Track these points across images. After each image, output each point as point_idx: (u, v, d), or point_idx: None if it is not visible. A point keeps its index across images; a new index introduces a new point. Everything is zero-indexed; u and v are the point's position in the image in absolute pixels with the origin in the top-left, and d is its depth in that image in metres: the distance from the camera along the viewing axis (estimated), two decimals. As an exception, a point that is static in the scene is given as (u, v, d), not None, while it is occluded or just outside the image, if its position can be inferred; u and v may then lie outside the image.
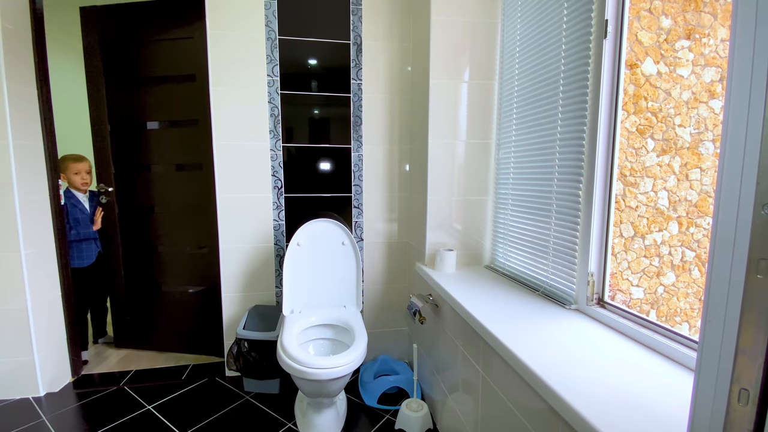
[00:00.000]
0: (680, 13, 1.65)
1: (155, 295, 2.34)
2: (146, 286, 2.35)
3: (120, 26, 2.18)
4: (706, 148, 1.71)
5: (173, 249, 2.30)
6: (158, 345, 2.39)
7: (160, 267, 2.32)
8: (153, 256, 2.32)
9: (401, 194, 2.13)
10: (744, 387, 0.46)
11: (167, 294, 2.32)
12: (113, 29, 2.18)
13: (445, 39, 1.69)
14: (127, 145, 2.25)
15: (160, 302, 2.34)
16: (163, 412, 1.78)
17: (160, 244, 2.30)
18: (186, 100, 2.12)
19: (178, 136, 2.19)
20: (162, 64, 2.15)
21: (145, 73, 2.18)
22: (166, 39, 2.12)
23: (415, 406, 1.65)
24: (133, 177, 2.28)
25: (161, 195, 2.27)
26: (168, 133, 2.21)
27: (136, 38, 2.16)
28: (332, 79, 2.00)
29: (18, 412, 1.76)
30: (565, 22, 1.27)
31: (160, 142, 2.22)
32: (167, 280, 2.31)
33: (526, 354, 0.93)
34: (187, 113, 2.13)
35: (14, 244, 1.75)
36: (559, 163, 1.31)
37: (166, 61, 2.14)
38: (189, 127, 2.15)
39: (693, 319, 1.80)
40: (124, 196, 2.30)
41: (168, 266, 2.31)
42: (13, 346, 1.81)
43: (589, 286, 1.18)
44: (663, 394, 0.77)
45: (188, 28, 2.07)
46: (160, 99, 2.19)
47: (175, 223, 2.28)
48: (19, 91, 1.76)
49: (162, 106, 2.20)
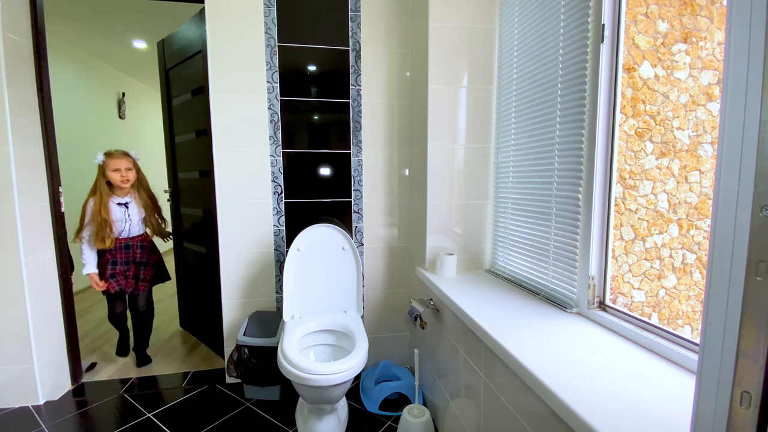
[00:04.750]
0: (676, 16, 1.66)
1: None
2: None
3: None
4: (705, 151, 1.71)
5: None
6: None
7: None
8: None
9: (401, 199, 2.13)
10: (746, 390, 0.46)
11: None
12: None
13: (444, 44, 1.70)
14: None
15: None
16: (163, 419, 1.77)
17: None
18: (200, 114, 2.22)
19: (199, 146, 2.29)
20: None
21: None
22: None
23: (416, 411, 1.64)
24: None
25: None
26: (192, 143, 2.37)
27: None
28: (331, 84, 2.01)
29: (18, 421, 1.75)
30: (562, 26, 1.27)
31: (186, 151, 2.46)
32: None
33: (528, 358, 0.92)
34: (202, 124, 2.20)
35: (14, 252, 1.75)
36: (558, 166, 1.31)
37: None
38: (203, 136, 2.21)
39: (695, 322, 1.79)
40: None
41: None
42: (12, 355, 1.81)
43: (590, 289, 1.18)
44: (665, 398, 0.76)
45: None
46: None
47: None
48: (20, 98, 1.77)
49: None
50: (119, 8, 2.91)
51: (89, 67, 4.01)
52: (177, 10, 2.87)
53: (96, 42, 3.62)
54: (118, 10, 2.94)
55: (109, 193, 2.15)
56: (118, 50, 3.84)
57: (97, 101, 4.16)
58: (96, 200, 2.10)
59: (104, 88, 4.33)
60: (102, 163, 2.12)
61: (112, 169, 2.11)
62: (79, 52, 3.81)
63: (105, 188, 2.13)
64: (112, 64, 4.30)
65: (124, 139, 4.70)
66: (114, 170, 2.12)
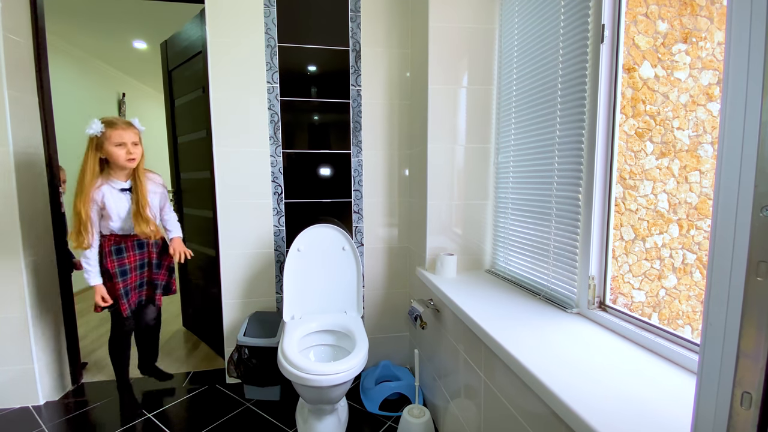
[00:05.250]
0: (676, 17, 1.66)
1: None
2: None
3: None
4: (705, 151, 1.71)
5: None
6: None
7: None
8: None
9: (401, 199, 2.13)
10: (746, 390, 0.46)
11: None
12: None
13: (444, 45, 1.70)
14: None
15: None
16: (163, 420, 1.77)
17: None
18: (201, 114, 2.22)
19: (201, 147, 2.29)
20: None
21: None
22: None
23: (417, 412, 1.63)
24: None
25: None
26: (194, 143, 2.37)
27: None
28: (331, 85, 2.01)
29: (18, 422, 1.75)
30: (562, 27, 1.27)
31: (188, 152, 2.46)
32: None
33: (528, 358, 0.92)
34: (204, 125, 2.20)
35: (15, 252, 1.75)
36: (558, 166, 1.31)
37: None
38: (205, 137, 2.22)
39: (695, 322, 1.79)
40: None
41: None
42: (13, 355, 1.81)
43: (590, 289, 1.18)
44: (666, 398, 0.76)
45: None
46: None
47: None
48: (20, 99, 1.77)
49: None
50: (119, 9, 2.92)
51: (89, 67, 4.01)
52: (177, 11, 2.87)
53: (96, 42, 3.62)
54: (118, 10, 2.94)
55: (108, 175, 1.68)
56: (118, 50, 3.84)
57: (97, 102, 4.16)
58: (87, 186, 1.60)
59: (104, 89, 4.33)
60: (99, 134, 1.60)
61: (115, 143, 1.61)
62: (79, 52, 3.81)
63: (96, 169, 1.63)
64: (112, 65, 4.30)
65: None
66: (118, 144, 1.62)
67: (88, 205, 1.61)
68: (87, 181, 1.61)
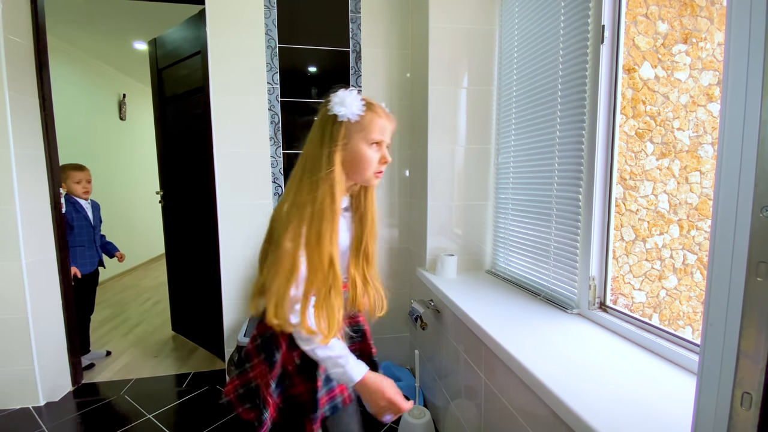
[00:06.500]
0: (676, 17, 1.66)
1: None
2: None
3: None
4: (705, 151, 1.71)
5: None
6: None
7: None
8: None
9: (401, 200, 2.13)
10: (747, 391, 0.46)
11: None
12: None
13: (444, 46, 1.70)
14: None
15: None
16: (163, 421, 1.77)
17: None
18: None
19: (194, 147, 2.29)
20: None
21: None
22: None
23: (417, 412, 1.63)
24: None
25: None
26: (187, 144, 2.38)
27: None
28: (332, 85, 2.01)
29: (18, 422, 1.75)
30: (562, 27, 1.28)
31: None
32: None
33: (528, 359, 0.92)
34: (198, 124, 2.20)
35: (15, 253, 1.75)
36: (558, 167, 1.31)
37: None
38: (199, 137, 2.21)
39: (696, 323, 1.78)
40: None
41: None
42: (13, 356, 1.81)
43: (590, 290, 1.18)
44: (666, 398, 0.76)
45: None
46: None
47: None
48: (21, 100, 1.77)
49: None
50: (120, 10, 2.92)
51: (90, 68, 4.02)
52: (177, 11, 2.87)
53: (97, 43, 3.63)
54: (118, 11, 2.95)
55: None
56: (118, 51, 3.84)
57: (97, 102, 4.17)
58: (338, 209, 0.93)
59: (105, 90, 4.34)
60: (356, 119, 0.96)
61: (371, 140, 0.99)
62: (79, 53, 3.82)
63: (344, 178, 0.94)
64: (112, 66, 4.31)
65: (124, 141, 4.70)
66: (374, 143, 0.99)
67: (337, 246, 0.89)
68: (337, 198, 0.90)
